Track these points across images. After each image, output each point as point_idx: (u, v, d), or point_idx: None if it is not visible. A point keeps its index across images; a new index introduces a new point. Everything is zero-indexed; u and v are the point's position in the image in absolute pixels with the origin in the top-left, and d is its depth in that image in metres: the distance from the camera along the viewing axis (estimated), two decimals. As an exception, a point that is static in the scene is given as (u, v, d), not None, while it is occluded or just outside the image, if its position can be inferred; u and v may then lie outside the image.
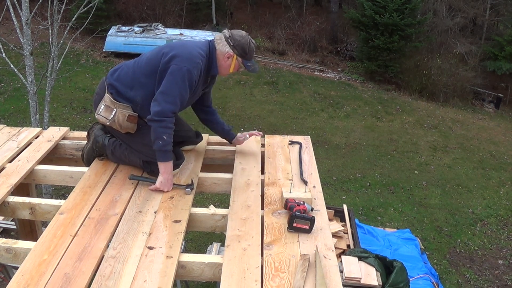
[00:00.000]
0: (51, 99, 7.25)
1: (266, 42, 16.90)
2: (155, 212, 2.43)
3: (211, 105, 3.08)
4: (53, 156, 3.22)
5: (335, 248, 3.78)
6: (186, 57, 2.56)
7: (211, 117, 3.08)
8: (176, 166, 2.76)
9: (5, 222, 5.42)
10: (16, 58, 10.28)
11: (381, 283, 4.12)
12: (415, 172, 9.73)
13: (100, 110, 2.67)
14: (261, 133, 3.20)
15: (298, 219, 2.28)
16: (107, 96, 2.66)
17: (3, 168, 2.84)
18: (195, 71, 2.57)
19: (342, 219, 5.25)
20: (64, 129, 3.37)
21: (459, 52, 16.08)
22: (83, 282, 1.93)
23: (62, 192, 7.50)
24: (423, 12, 16.21)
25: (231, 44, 2.67)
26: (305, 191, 2.57)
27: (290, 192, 2.54)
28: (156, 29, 14.71)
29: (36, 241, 2.18)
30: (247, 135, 3.13)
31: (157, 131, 2.53)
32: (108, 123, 2.65)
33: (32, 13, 6.38)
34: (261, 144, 3.28)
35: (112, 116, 2.63)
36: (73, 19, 6.99)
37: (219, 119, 3.11)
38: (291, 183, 2.68)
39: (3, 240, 2.21)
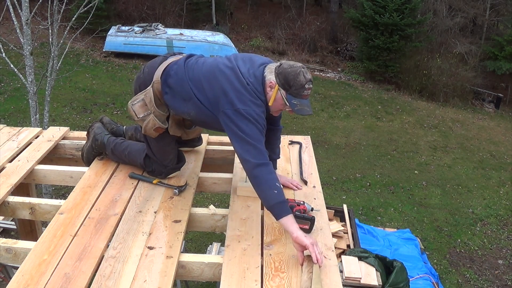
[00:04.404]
0: (51, 99, 7.24)
1: (266, 42, 16.89)
2: (155, 212, 2.43)
3: (275, 123, 2.65)
4: (53, 156, 3.22)
5: (335, 248, 3.78)
6: (250, 104, 2.22)
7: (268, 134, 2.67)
8: (177, 169, 2.76)
9: (5, 222, 5.43)
10: (16, 58, 10.28)
11: (381, 283, 4.12)
12: (415, 172, 9.73)
13: (135, 102, 2.49)
14: (300, 187, 2.70)
15: (298, 219, 2.28)
16: (150, 92, 2.45)
17: (3, 168, 2.84)
18: (261, 118, 2.25)
19: (342, 219, 5.25)
20: (64, 129, 3.37)
21: (459, 52, 16.08)
22: (83, 282, 1.93)
23: (62, 192, 7.50)
24: (423, 12, 16.20)
25: (276, 71, 2.25)
26: None
27: (246, 182, 2.57)
28: (156, 29, 14.70)
29: (36, 241, 2.18)
30: (288, 182, 2.69)
31: (266, 180, 2.19)
32: (136, 119, 2.53)
33: (32, 13, 6.37)
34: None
35: (143, 116, 2.48)
36: (73, 19, 6.98)
37: (275, 141, 2.67)
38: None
39: (3, 240, 2.21)
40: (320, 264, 2.04)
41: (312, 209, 2.45)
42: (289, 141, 3.32)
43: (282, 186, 2.24)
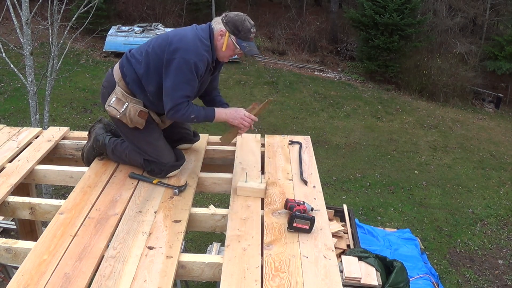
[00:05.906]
0: (51, 99, 7.24)
1: (266, 42, 16.89)
2: (155, 212, 2.43)
3: (217, 86, 2.95)
4: (53, 156, 3.22)
5: (335, 248, 3.78)
6: (192, 49, 2.48)
7: (212, 96, 2.90)
8: (176, 167, 2.76)
9: (5, 222, 5.42)
10: (16, 58, 10.29)
11: (381, 283, 4.12)
12: (415, 172, 9.73)
13: (111, 102, 2.63)
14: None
15: (298, 219, 2.28)
16: (118, 89, 2.63)
17: (3, 168, 2.84)
18: (201, 64, 2.50)
19: (342, 219, 5.25)
20: (64, 129, 3.38)
21: (459, 52, 16.07)
22: (83, 282, 1.93)
23: (62, 192, 7.50)
24: (423, 12, 16.20)
25: (224, 21, 2.57)
26: (260, 182, 2.62)
27: (246, 182, 2.63)
28: (156, 29, 14.71)
29: (36, 241, 2.18)
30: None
31: (184, 118, 2.57)
32: (118, 116, 2.62)
33: (32, 13, 6.37)
34: (261, 144, 3.28)
35: (123, 109, 2.60)
36: (73, 19, 6.98)
37: (220, 99, 2.91)
38: (246, 173, 2.71)
39: (3, 240, 2.21)
40: (241, 132, 2.73)
41: (312, 209, 2.45)
42: (289, 141, 3.32)
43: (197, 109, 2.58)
